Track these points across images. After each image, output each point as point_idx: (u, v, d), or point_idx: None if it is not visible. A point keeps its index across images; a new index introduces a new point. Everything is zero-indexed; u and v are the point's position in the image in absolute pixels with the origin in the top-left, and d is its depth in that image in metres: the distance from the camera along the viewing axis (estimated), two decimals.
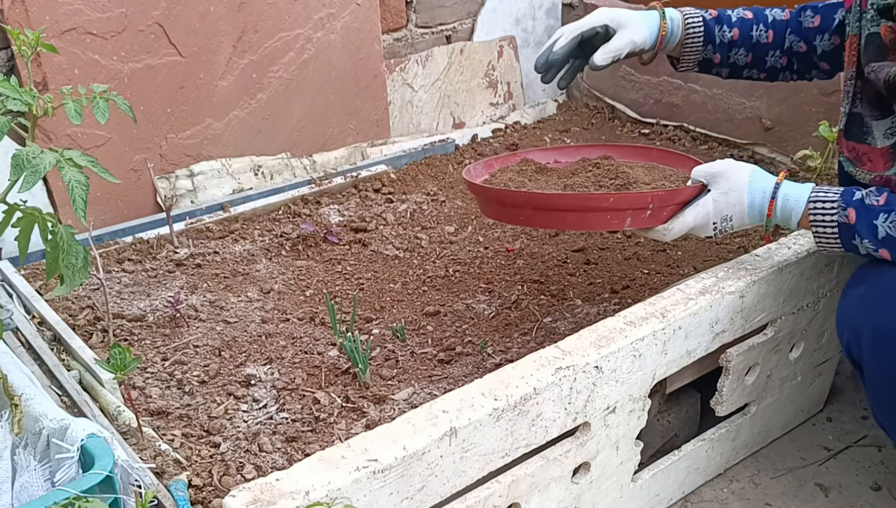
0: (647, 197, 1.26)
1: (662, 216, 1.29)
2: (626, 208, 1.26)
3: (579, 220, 1.29)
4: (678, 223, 1.29)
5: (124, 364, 1.09)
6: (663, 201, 1.28)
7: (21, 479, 0.96)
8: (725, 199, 1.27)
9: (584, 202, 1.29)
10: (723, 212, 1.27)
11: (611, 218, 1.27)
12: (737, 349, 1.39)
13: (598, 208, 1.26)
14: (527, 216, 1.32)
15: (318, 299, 1.61)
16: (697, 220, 1.28)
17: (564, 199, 1.31)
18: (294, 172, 2.09)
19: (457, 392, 1.07)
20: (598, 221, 1.28)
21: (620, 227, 1.28)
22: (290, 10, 1.98)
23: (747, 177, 1.27)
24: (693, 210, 1.28)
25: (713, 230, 1.29)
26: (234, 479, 1.13)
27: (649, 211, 1.27)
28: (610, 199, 1.26)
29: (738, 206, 1.26)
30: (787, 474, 1.59)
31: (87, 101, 1.03)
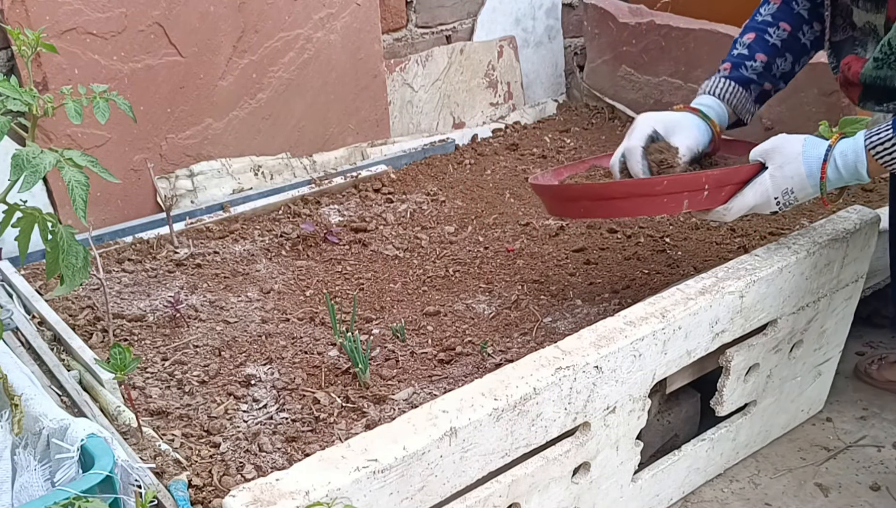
0: (702, 177, 1.28)
1: (721, 197, 1.30)
2: (681, 190, 1.27)
3: (636, 206, 1.30)
4: (737, 203, 1.31)
5: (124, 364, 1.09)
6: (719, 182, 1.29)
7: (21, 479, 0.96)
8: (782, 173, 1.28)
9: (638, 189, 1.29)
10: (782, 186, 1.28)
11: (667, 201, 1.27)
12: (737, 349, 1.39)
13: (653, 193, 1.27)
14: (585, 208, 1.35)
15: (318, 299, 1.61)
16: (757, 198, 1.30)
17: (618, 187, 1.32)
18: (294, 172, 2.09)
19: (457, 392, 1.07)
20: (655, 205, 1.29)
21: (678, 210, 1.29)
22: (290, 10, 1.98)
23: (801, 147, 1.28)
24: (752, 189, 1.30)
25: (776, 205, 1.30)
26: (234, 479, 1.13)
27: (705, 192, 1.28)
28: (663, 182, 1.27)
29: (797, 177, 1.28)
30: (786, 474, 1.59)
31: (87, 101, 1.03)
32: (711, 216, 1.34)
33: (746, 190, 1.30)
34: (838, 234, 1.44)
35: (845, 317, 1.61)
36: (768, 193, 1.29)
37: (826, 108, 1.96)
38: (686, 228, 1.83)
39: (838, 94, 1.92)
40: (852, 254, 1.49)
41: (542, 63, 2.68)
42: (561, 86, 2.75)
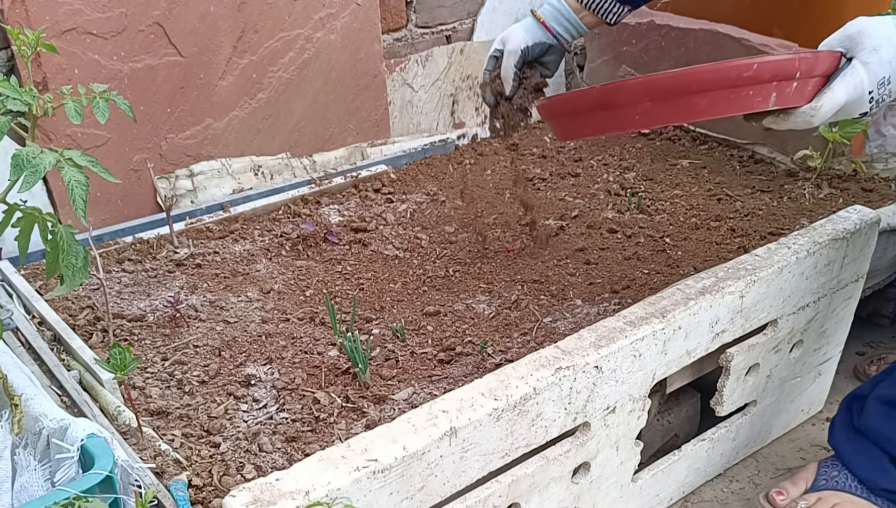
0: (795, 61, 1.04)
1: (808, 93, 1.08)
2: (771, 78, 1.04)
3: (715, 102, 1.05)
4: (827, 100, 1.08)
5: (124, 364, 1.09)
6: (810, 68, 1.06)
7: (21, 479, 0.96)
8: (878, 57, 1.06)
9: (722, 75, 1.04)
10: (879, 75, 1.07)
11: (753, 94, 1.04)
12: (737, 349, 1.39)
13: (739, 82, 1.03)
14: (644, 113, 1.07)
15: (318, 299, 1.61)
16: (850, 93, 1.08)
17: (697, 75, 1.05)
18: (294, 172, 2.09)
19: (457, 392, 1.07)
20: (738, 100, 1.05)
21: (764, 105, 1.05)
22: (290, 10, 1.98)
23: (893, 24, 1.07)
24: (842, 82, 1.07)
25: (869, 103, 1.09)
26: (234, 479, 1.13)
27: (796, 82, 1.06)
28: (753, 66, 1.02)
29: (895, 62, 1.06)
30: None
31: (86, 101, 1.03)
32: (794, 121, 1.10)
33: (835, 84, 1.07)
34: (838, 234, 1.44)
35: (845, 317, 1.61)
36: (863, 85, 1.07)
37: None
38: (686, 228, 1.83)
39: None
40: (852, 254, 1.50)
41: None
42: (561, 86, 2.75)
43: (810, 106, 1.08)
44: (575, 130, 1.18)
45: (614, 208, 1.94)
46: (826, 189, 1.94)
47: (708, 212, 1.90)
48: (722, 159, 2.17)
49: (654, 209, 1.93)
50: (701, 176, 2.09)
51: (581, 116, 1.14)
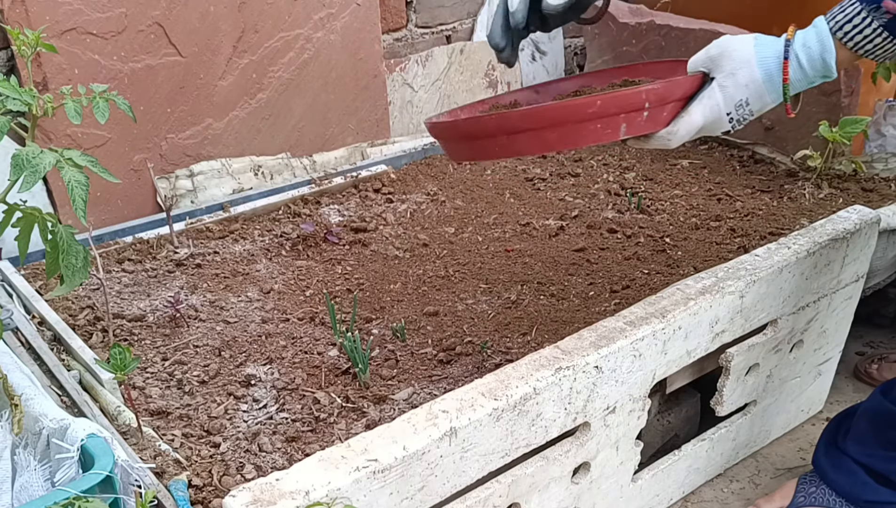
0: (642, 93, 1.06)
1: (663, 118, 1.10)
2: (618, 111, 1.06)
3: (565, 136, 1.08)
4: (684, 124, 1.10)
5: (124, 364, 1.09)
6: (661, 98, 1.08)
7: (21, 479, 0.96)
8: (734, 81, 1.08)
9: (567, 112, 1.06)
10: (735, 98, 1.08)
11: (602, 127, 1.06)
12: (737, 349, 1.39)
13: (585, 117, 1.06)
14: (503, 145, 1.10)
15: (318, 299, 1.61)
16: (707, 115, 1.09)
17: (543, 113, 1.08)
18: (294, 172, 2.09)
19: (457, 392, 1.07)
20: (588, 133, 1.07)
21: (615, 137, 1.08)
22: (290, 10, 1.98)
23: (752, 47, 1.07)
24: (699, 105, 1.09)
25: (730, 123, 1.10)
26: (234, 479, 1.13)
27: (646, 112, 1.07)
28: (597, 102, 1.05)
29: (752, 84, 1.07)
30: (786, 474, 1.59)
31: (86, 101, 1.03)
32: (653, 143, 1.12)
33: (692, 107, 1.09)
34: (838, 234, 1.44)
35: (845, 317, 1.61)
36: (719, 107, 1.08)
37: (826, 108, 1.96)
38: (686, 228, 1.83)
39: (838, 94, 1.92)
40: (852, 254, 1.50)
41: (543, 63, 2.68)
42: None
43: (667, 130, 1.10)
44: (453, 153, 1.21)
45: (614, 208, 1.94)
46: (826, 189, 1.94)
47: (708, 212, 1.90)
48: (722, 159, 2.17)
49: (654, 209, 1.93)
50: (701, 176, 2.09)
51: (454, 142, 1.18)
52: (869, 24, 1.03)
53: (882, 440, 1.36)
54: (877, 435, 1.36)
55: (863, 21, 1.03)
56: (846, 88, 1.92)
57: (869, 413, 1.39)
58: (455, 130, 1.18)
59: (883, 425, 1.36)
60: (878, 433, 1.36)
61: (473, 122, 1.15)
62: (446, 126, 1.18)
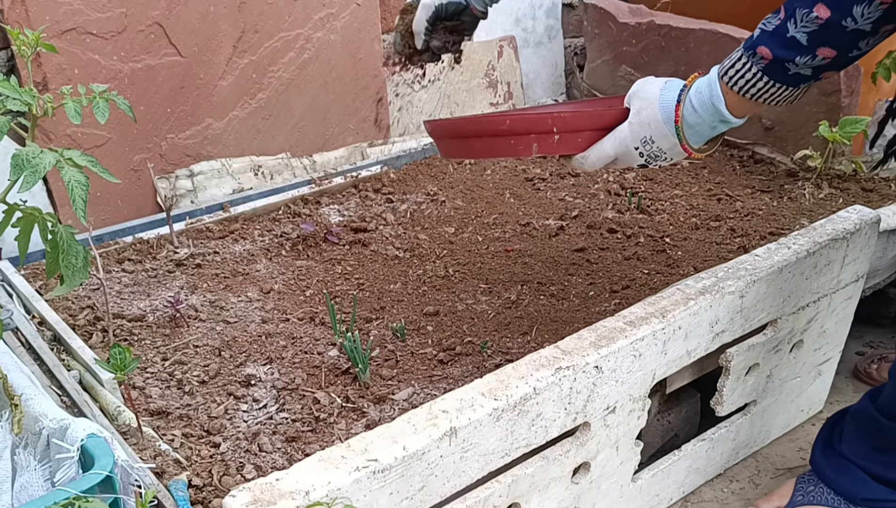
0: (548, 119, 1.16)
1: (579, 144, 1.18)
2: (527, 131, 1.16)
3: (486, 146, 1.21)
4: (594, 152, 1.17)
5: (124, 364, 1.09)
6: (569, 124, 1.17)
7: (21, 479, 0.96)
8: (639, 119, 1.13)
9: (482, 126, 1.21)
10: (640, 134, 1.14)
11: (514, 143, 1.17)
12: (737, 349, 1.39)
13: (498, 133, 1.18)
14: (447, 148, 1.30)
15: (318, 299, 1.61)
16: (616, 147, 1.16)
17: (467, 124, 1.26)
18: (294, 172, 2.09)
19: (457, 392, 1.07)
20: (505, 147, 1.18)
21: (528, 154, 1.18)
22: (290, 10, 1.98)
23: (658, 89, 1.13)
24: (609, 137, 1.16)
25: (641, 158, 1.16)
26: (234, 479, 1.13)
27: (556, 136, 1.16)
28: (506, 121, 1.17)
29: (654, 124, 1.12)
30: (786, 474, 1.59)
31: (86, 101, 1.03)
32: (572, 164, 1.21)
33: (605, 139, 1.16)
34: (838, 234, 1.44)
35: (845, 317, 1.61)
36: (626, 142, 1.15)
37: (826, 108, 1.96)
38: (686, 228, 1.83)
39: (838, 94, 1.92)
40: (852, 254, 1.50)
41: (542, 63, 2.68)
42: (561, 86, 2.75)
43: (581, 155, 1.18)
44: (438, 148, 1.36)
45: (614, 208, 1.94)
46: (826, 189, 1.94)
47: (708, 212, 1.90)
48: (722, 159, 2.17)
49: (654, 209, 1.93)
50: (701, 176, 2.09)
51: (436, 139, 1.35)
52: (749, 68, 1.07)
53: (873, 444, 1.36)
54: (867, 440, 1.37)
55: (744, 66, 1.07)
56: (846, 88, 1.92)
57: (857, 418, 1.39)
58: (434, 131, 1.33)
59: (870, 430, 1.36)
60: (867, 438, 1.37)
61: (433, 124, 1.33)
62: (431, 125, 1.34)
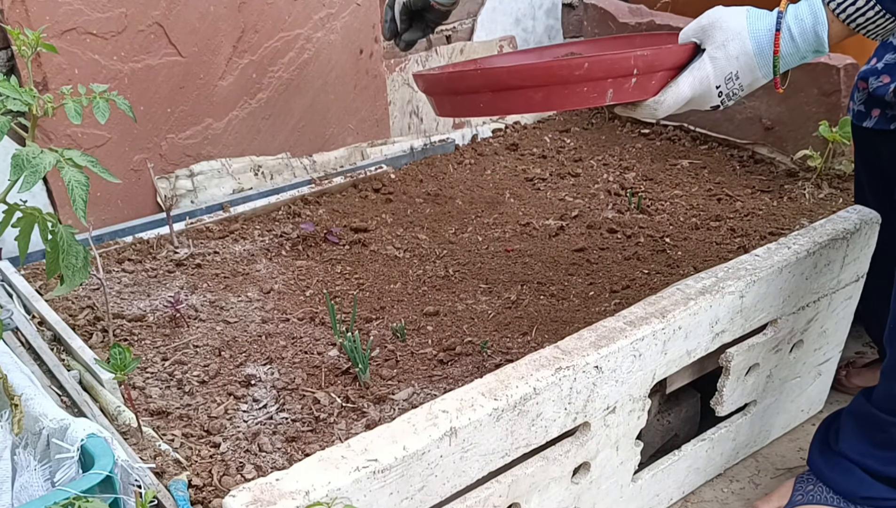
0: (630, 59, 1.05)
1: (652, 87, 1.08)
2: (605, 76, 1.05)
3: (550, 97, 1.07)
4: (671, 94, 1.08)
5: (124, 364, 1.09)
6: (650, 65, 1.06)
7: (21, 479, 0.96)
8: (725, 52, 1.05)
9: (553, 73, 1.06)
10: (725, 70, 1.06)
11: (588, 91, 1.06)
12: (737, 349, 1.39)
13: (571, 79, 1.05)
14: (487, 102, 1.10)
15: (318, 299, 1.61)
16: (695, 87, 1.08)
17: (529, 71, 1.08)
18: (294, 172, 2.09)
19: (457, 392, 1.07)
20: (573, 96, 1.06)
21: (601, 102, 1.07)
22: (290, 10, 1.98)
23: (745, 19, 1.05)
24: (688, 76, 1.07)
25: (718, 98, 1.08)
26: (234, 479, 1.13)
27: (634, 79, 1.06)
28: (584, 65, 1.04)
29: (743, 57, 1.05)
30: (786, 474, 1.59)
31: (86, 101, 1.03)
32: (640, 112, 1.11)
33: (681, 78, 1.07)
34: (838, 234, 1.44)
35: (845, 317, 1.61)
36: (709, 80, 1.06)
37: (826, 108, 1.96)
38: (686, 228, 1.83)
39: (838, 94, 1.92)
40: (852, 254, 1.50)
41: None
42: None
43: (654, 100, 1.08)
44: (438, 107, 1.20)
45: (614, 208, 1.94)
46: (826, 189, 1.94)
47: (708, 212, 1.90)
48: (722, 159, 2.17)
49: (654, 209, 1.93)
50: (701, 176, 2.09)
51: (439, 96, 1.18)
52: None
53: (871, 441, 1.36)
54: (866, 436, 1.37)
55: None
56: (846, 88, 1.92)
57: (854, 416, 1.39)
58: (440, 84, 1.17)
59: (868, 427, 1.36)
60: (866, 435, 1.37)
61: (458, 76, 1.14)
62: (432, 78, 1.17)
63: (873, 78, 1.47)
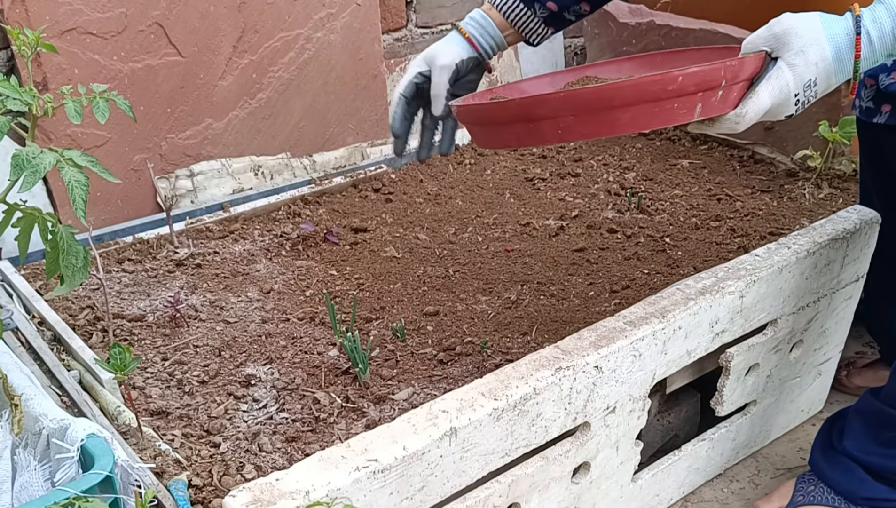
0: (720, 70, 0.99)
1: (732, 99, 1.04)
2: (696, 89, 0.99)
3: (637, 117, 0.99)
4: (752, 105, 1.04)
5: (124, 364, 1.09)
6: (735, 75, 1.01)
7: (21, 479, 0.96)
8: (804, 59, 1.02)
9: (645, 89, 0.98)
10: (805, 77, 1.02)
11: (678, 107, 1.00)
12: (737, 349, 1.39)
13: (662, 96, 0.98)
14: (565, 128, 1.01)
15: (318, 299, 1.61)
16: (775, 96, 1.04)
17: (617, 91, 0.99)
18: (294, 172, 2.09)
19: (457, 392, 1.07)
20: (662, 113, 1.00)
21: (689, 118, 1.01)
22: (290, 10, 1.98)
23: (820, 24, 1.02)
24: (767, 85, 1.03)
25: (795, 106, 1.05)
26: (234, 479, 1.13)
27: (721, 91, 1.01)
28: (678, 79, 0.97)
29: (822, 63, 1.02)
30: (786, 473, 1.59)
31: (86, 101, 1.03)
32: (719, 126, 1.06)
33: (760, 88, 1.03)
34: (838, 234, 1.44)
35: (845, 317, 1.61)
36: (788, 88, 1.03)
37: (826, 108, 1.96)
38: (686, 228, 1.83)
39: (838, 94, 1.92)
40: (852, 254, 1.50)
41: (542, 63, 2.68)
42: None
43: (735, 113, 1.05)
44: (493, 139, 1.11)
45: (614, 208, 1.94)
46: (826, 189, 1.94)
47: (708, 212, 1.90)
48: (722, 159, 2.17)
49: (654, 209, 1.93)
50: (701, 176, 2.09)
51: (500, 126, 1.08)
52: None
53: (877, 438, 1.36)
54: (872, 434, 1.37)
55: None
56: (846, 88, 1.92)
57: (861, 414, 1.39)
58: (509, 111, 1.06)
59: (876, 424, 1.36)
60: (872, 432, 1.37)
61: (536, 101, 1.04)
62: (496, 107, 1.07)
63: (884, 75, 1.47)
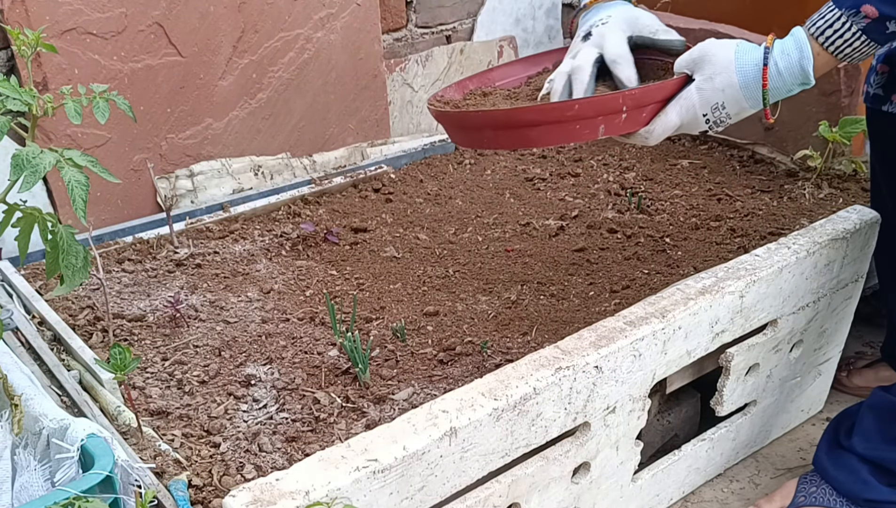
0: (619, 98, 1.11)
1: (642, 119, 1.15)
2: (595, 114, 1.11)
3: (545, 134, 1.13)
4: (660, 124, 1.15)
5: (124, 364, 1.09)
6: (638, 101, 1.13)
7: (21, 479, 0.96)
8: (711, 85, 1.12)
9: (546, 114, 1.13)
10: (711, 100, 1.13)
11: (580, 128, 1.12)
12: (737, 349, 1.39)
13: (563, 119, 1.11)
14: (489, 138, 1.19)
15: (318, 299, 1.61)
16: (683, 115, 1.15)
17: (525, 114, 1.14)
18: (294, 172, 2.09)
19: (457, 392, 1.07)
20: (567, 133, 1.13)
21: (594, 137, 1.13)
22: (290, 10, 1.98)
23: (733, 53, 1.11)
24: (675, 106, 1.14)
25: (706, 124, 1.15)
26: (234, 479, 1.13)
27: (623, 115, 1.12)
28: (574, 106, 1.11)
29: (729, 90, 1.12)
30: (786, 473, 1.59)
31: (86, 101, 1.03)
32: (633, 140, 1.18)
33: (669, 108, 1.14)
34: (838, 234, 1.44)
35: (845, 317, 1.61)
36: (695, 109, 1.13)
37: (826, 108, 1.96)
38: (686, 228, 1.83)
39: (838, 94, 1.92)
40: (852, 254, 1.50)
41: None
42: None
43: (645, 130, 1.16)
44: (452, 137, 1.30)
45: (614, 208, 1.94)
46: (826, 189, 1.94)
47: (708, 212, 1.90)
48: (722, 159, 2.17)
49: (654, 209, 1.93)
50: (701, 176, 2.09)
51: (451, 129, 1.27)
52: (849, 28, 1.07)
53: (888, 435, 1.36)
54: (883, 431, 1.37)
55: (843, 26, 1.08)
56: (846, 88, 1.92)
57: (874, 409, 1.39)
58: (448, 120, 1.26)
59: (889, 418, 1.36)
60: (884, 429, 1.37)
61: (462, 115, 1.24)
62: (442, 115, 1.26)
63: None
